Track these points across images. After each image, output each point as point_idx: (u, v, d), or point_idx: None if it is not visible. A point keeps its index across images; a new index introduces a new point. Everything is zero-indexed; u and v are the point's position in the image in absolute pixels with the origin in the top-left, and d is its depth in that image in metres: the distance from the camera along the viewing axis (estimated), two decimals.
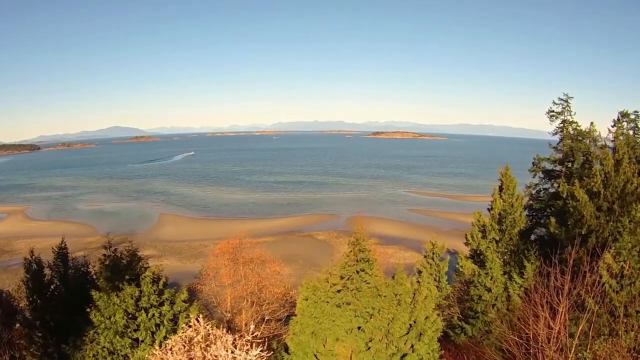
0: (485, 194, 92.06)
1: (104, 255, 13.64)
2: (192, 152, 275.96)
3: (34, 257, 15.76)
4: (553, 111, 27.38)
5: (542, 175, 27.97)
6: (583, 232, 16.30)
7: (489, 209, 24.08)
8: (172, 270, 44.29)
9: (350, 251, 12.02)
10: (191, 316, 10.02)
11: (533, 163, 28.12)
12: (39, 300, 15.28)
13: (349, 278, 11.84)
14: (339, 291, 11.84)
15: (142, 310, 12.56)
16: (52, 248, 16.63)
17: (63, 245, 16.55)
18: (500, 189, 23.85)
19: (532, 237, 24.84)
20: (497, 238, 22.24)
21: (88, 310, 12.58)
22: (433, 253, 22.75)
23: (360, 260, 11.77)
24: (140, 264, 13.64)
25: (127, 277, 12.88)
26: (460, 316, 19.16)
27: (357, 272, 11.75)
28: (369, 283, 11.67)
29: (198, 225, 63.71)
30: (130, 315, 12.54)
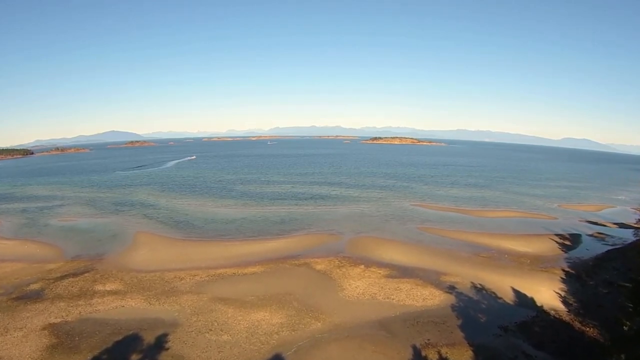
0: (501, 209, 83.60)
1: None
2: (194, 157, 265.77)
3: None
4: None
5: None
6: None
7: None
8: (136, 314, 35.19)
9: None
10: None
11: None
12: None
13: None
14: None
15: None
16: None
17: None
18: None
19: None
20: None
21: None
22: None
23: None
24: None
25: None
26: None
27: None
28: None
29: (176, 248, 54.82)
30: None
